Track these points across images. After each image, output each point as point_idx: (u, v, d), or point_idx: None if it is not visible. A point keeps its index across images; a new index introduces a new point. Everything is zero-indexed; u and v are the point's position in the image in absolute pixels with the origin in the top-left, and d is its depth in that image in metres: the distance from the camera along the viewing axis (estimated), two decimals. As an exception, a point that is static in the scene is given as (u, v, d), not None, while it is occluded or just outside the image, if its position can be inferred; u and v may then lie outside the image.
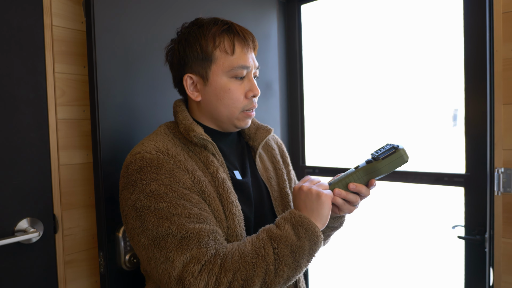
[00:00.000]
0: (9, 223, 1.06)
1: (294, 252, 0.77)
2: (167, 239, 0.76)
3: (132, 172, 0.82)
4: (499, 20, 1.17)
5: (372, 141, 10.99)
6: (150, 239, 0.77)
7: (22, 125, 1.09)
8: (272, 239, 0.78)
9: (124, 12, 1.15)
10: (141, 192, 0.79)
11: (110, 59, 1.11)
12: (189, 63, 0.91)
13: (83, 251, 1.24)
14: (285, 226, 0.79)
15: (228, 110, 0.91)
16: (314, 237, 0.78)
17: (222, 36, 0.90)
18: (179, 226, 0.76)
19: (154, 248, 0.76)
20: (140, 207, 0.79)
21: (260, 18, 1.64)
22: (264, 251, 0.76)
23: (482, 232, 1.32)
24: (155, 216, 0.77)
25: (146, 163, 0.81)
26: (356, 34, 2.77)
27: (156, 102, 1.24)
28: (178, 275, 0.74)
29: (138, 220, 0.79)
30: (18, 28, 1.08)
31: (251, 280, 0.74)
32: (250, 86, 0.92)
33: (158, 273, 0.76)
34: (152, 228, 0.77)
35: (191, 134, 0.88)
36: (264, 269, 0.75)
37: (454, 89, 3.96)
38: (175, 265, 0.74)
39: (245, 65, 0.90)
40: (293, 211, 0.82)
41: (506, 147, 1.18)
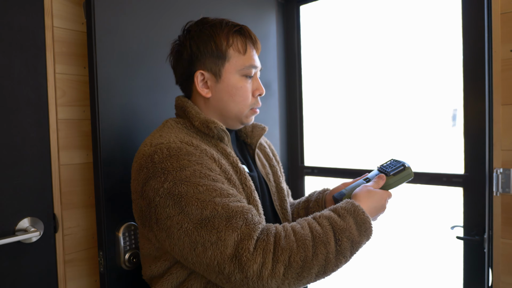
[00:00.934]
0: (10, 222, 1.07)
1: (353, 246, 0.80)
2: (214, 220, 0.75)
3: (161, 161, 0.81)
4: (497, 20, 1.17)
5: (371, 141, 10.99)
6: (195, 222, 0.75)
7: (23, 125, 1.09)
8: (335, 230, 0.79)
9: (125, 13, 1.15)
10: (176, 179, 0.78)
11: (110, 60, 1.12)
12: (202, 60, 0.94)
13: (83, 250, 1.24)
14: (349, 219, 0.81)
15: (238, 107, 0.96)
16: (370, 236, 0.83)
17: (235, 36, 0.95)
18: (223, 206, 0.77)
19: (201, 230, 0.75)
20: (177, 194, 0.77)
21: (259, 19, 1.65)
22: (327, 239, 0.77)
23: (480, 233, 1.33)
24: (196, 200, 0.77)
25: (175, 151, 0.82)
26: (355, 35, 2.77)
27: (156, 103, 1.25)
28: (232, 254, 0.73)
29: (177, 207, 0.77)
30: (19, 29, 1.08)
31: (310, 263, 0.75)
32: (257, 85, 0.98)
33: (207, 256, 0.74)
34: (196, 212, 0.76)
35: (212, 126, 0.91)
36: (325, 256, 0.76)
37: (453, 89, 3.96)
38: (228, 243, 0.74)
39: (255, 65, 0.96)
40: (357, 206, 0.83)
41: (505, 147, 1.18)
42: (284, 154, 1.88)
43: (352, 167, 1.67)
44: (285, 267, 0.74)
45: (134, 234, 1.16)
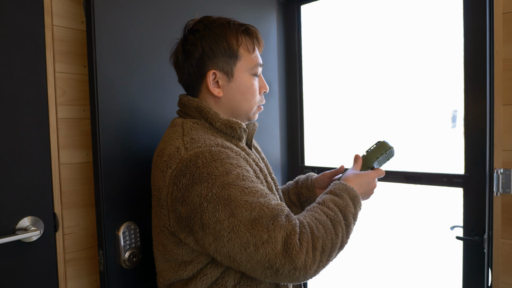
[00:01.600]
0: (10, 221, 1.07)
1: (354, 219, 0.92)
2: (262, 219, 0.79)
3: (205, 165, 0.81)
4: (499, 20, 1.17)
5: (371, 142, 10.98)
6: (246, 224, 0.79)
7: (23, 124, 1.09)
8: (340, 209, 0.89)
9: (124, 11, 1.15)
10: (224, 183, 0.80)
11: (110, 58, 1.11)
12: (215, 60, 0.94)
13: (83, 249, 1.24)
14: (345, 196, 0.92)
15: (248, 105, 1.00)
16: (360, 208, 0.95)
17: (243, 36, 0.97)
18: (268, 206, 0.81)
19: (252, 231, 0.78)
20: (227, 197, 0.79)
21: (260, 18, 1.65)
22: (339, 218, 0.87)
23: (480, 233, 1.33)
24: (245, 202, 0.80)
25: (217, 156, 0.83)
26: (356, 35, 2.77)
27: (156, 101, 1.24)
28: (282, 250, 0.78)
29: (227, 211, 0.79)
30: (19, 27, 1.08)
31: (336, 243, 0.85)
32: (261, 83, 1.03)
33: (259, 254, 0.78)
34: (246, 214, 0.79)
35: (236, 127, 0.95)
36: (341, 233, 0.86)
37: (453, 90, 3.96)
38: (278, 240, 0.78)
39: (261, 63, 1.01)
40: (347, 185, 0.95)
41: (506, 147, 1.18)
42: (284, 154, 1.87)
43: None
44: (320, 252, 0.81)
45: (133, 233, 1.16)
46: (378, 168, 1.10)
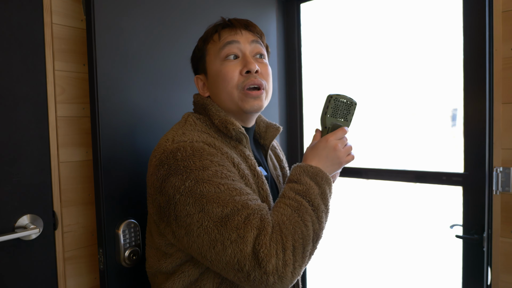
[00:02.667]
0: (9, 219, 1.07)
1: (322, 198, 0.84)
2: (234, 217, 0.76)
3: (183, 159, 0.80)
4: (499, 19, 1.17)
5: (371, 140, 10.98)
6: (215, 221, 0.76)
7: (22, 123, 1.09)
8: (303, 196, 0.82)
9: (124, 10, 1.15)
10: (198, 177, 0.79)
11: (110, 57, 1.11)
12: (197, 66, 1.00)
13: (83, 248, 1.24)
14: (305, 179, 0.84)
15: (226, 93, 0.92)
16: (329, 180, 0.87)
17: (212, 32, 0.96)
18: (243, 204, 0.78)
19: (221, 229, 0.75)
20: (199, 192, 0.78)
21: (259, 17, 1.64)
22: (304, 207, 0.80)
23: (480, 232, 1.33)
24: (217, 198, 0.77)
25: (198, 152, 0.82)
26: (355, 33, 2.77)
27: (156, 100, 1.24)
28: (251, 251, 0.74)
29: (197, 205, 0.77)
30: (18, 25, 1.08)
31: (307, 235, 0.78)
32: (244, 62, 0.91)
33: (227, 254, 0.75)
34: (217, 210, 0.76)
35: (230, 127, 0.90)
36: (311, 222, 0.80)
37: (453, 89, 3.97)
38: (247, 240, 0.74)
39: (231, 40, 0.92)
40: (301, 164, 0.88)
41: (505, 146, 1.18)
42: (284, 153, 1.87)
43: (352, 165, 1.67)
44: (292, 251, 0.76)
45: (134, 232, 1.16)
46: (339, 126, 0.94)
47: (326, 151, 0.89)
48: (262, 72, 0.93)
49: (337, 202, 1.28)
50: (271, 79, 0.98)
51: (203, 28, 1.02)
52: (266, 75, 0.95)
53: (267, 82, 0.94)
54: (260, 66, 0.93)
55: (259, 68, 0.92)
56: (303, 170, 0.86)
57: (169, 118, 1.25)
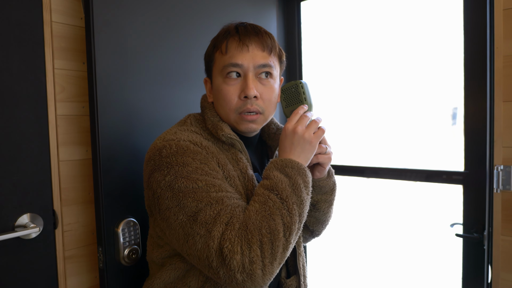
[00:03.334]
0: (9, 218, 1.06)
1: (294, 190, 0.80)
2: (206, 212, 0.77)
3: (167, 155, 0.83)
4: (500, 17, 1.16)
5: (371, 139, 10.99)
6: (189, 215, 0.77)
7: (22, 121, 1.09)
8: (271, 189, 0.80)
9: (123, 8, 1.15)
10: (177, 173, 0.80)
11: (109, 55, 1.11)
12: (207, 68, 0.99)
13: (83, 246, 1.24)
14: (274, 173, 0.82)
15: (224, 111, 0.93)
16: (301, 171, 0.83)
17: (221, 40, 0.92)
18: (217, 199, 0.78)
19: (193, 223, 0.77)
20: (177, 188, 0.79)
21: (260, 16, 1.64)
22: (271, 201, 0.78)
23: (480, 230, 1.33)
24: (193, 193, 0.79)
25: (182, 149, 0.83)
26: (355, 32, 2.76)
27: (155, 98, 1.24)
28: (217, 246, 0.74)
29: (175, 200, 0.79)
30: (18, 24, 1.07)
31: (275, 229, 0.76)
32: (244, 86, 0.89)
33: (197, 249, 0.76)
34: (191, 205, 0.78)
35: (220, 133, 0.91)
36: (280, 215, 0.77)
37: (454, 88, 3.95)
38: (214, 235, 0.74)
39: (235, 62, 0.88)
40: (271, 160, 0.86)
41: (506, 144, 1.18)
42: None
43: (351, 164, 1.67)
44: (259, 247, 0.74)
45: (133, 230, 1.16)
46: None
47: (289, 139, 0.86)
48: (263, 96, 0.91)
49: (337, 201, 1.28)
50: (275, 98, 0.95)
51: (203, 26, 1.02)
52: (267, 100, 0.92)
53: (266, 106, 0.92)
54: (261, 89, 0.90)
55: (257, 94, 0.89)
56: (272, 165, 0.84)
57: (168, 117, 1.25)
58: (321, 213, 1.06)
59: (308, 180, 0.84)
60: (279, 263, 0.77)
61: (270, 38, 0.93)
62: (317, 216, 1.07)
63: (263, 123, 0.95)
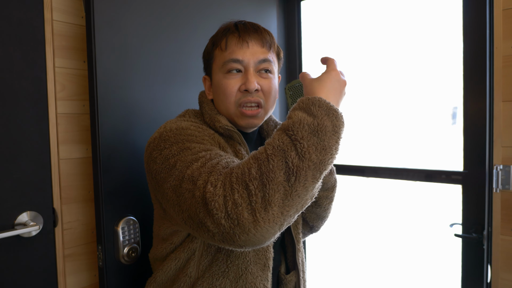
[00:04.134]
0: (9, 216, 1.07)
1: (316, 131, 0.67)
2: (193, 167, 0.72)
3: (167, 135, 0.83)
4: (499, 17, 1.17)
5: (371, 139, 10.99)
6: (180, 178, 0.73)
7: (22, 119, 1.09)
8: (286, 129, 0.68)
9: (124, 6, 1.15)
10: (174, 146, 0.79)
11: (109, 54, 1.11)
12: (205, 66, 1.01)
13: (82, 245, 1.24)
14: (295, 113, 0.70)
15: (224, 106, 0.94)
16: (331, 111, 0.69)
17: (221, 37, 0.94)
18: (205, 155, 0.74)
19: (182, 182, 0.72)
20: (171, 156, 0.77)
21: (260, 15, 1.64)
22: (279, 140, 0.67)
23: (479, 230, 1.33)
24: (184, 156, 0.75)
25: (182, 129, 0.84)
26: (355, 31, 2.75)
27: (156, 97, 1.24)
28: (202, 194, 0.67)
29: (168, 169, 0.76)
30: (19, 22, 1.08)
31: (268, 170, 0.64)
32: (244, 80, 0.90)
33: (187, 206, 0.70)
34: (181, 166, 0.74)
35: (217, 125, 0.92)
36: (282, 156, 0.65)
37: (453, 87, 3.95)
38: (199, 185, 0.68)
39: (236, 58, 0.90)
40: (300, 99, 0.74)
41: (505, 144, 1.18)
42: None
43: (351, 163, 1.67)
44: (245, 189, 0.64)
45: (133, 229, 1.16)
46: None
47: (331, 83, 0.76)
48: (263, 89, 0.91)
49: (337, 200, 1.28)
50: (275, 92, 0.95)
51: (203, 25, 1.02)
52: (267, 93, 0.92)
53: (267, 99, 0.92)
54: (262, 82, 0.91)
55: (259, 86, 0.90)
56: (297, 104, 0.73)
57: (168, 115, 1.25)
58: (322, 209, 1.08)
59: (339, 124, 0.69)
60: (281, 212, 0.64)
61: (269, 34, 0.95)
62: (317, 212, 1.09)
63: (264, 117, 0.95)
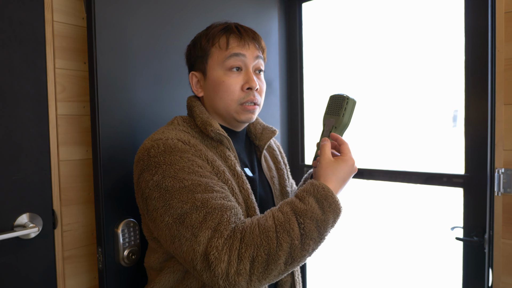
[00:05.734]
0: (8, 218, 1.06)
1: (320, 226, 0.76)
2: (192, 215, 0.76)
3: (155, 155, 0.83)
4: (501, 20, 1.16)
5: (372, 141, 10.98)
6: (175, 217, 0.77)
7: (23, 121, 1.08)
8: (297, 214, 0.76)
9: (125, 8, 1.15)
10: (165, 173, 0.80)
11: (110, 55, 1.11)
12: (193, 62, 1.00)
13: (82, 247, 1.23)
14: (309, 200, 0.78)
15: (224, 103, 0.95)
16: (337, 210, 0.79)
17: (219, 35, 0.95)
18: (203, 201, 0.77)
19: (179, 225, 0.76)
20: (164, 187, 0.79)
21: (261, 16, 1.64)
22: (289, 226, 0.75)
23: (480, 234, 1.32)
24: (179, 194, 0.78)
25: (170, 148, 0.84)
26: (357, 33, 2.75)
27: (156, 99, 1.24)
28: (203, 251, 0.73)
29: (161, 200, 0.79)
30: (19, 23, 1.07)
31: (275, 254, 0.73)
32: (246, 78, 0.93)
33: (183, 251, 0.76)
34: (177, 206, 0.77)
35: (209, 129, 0.92)
36: (289, 243, 0.73)
37: (454, 90, 3.95)
38: (200, 240, 0.74)
39: (238, 52, 0.92)
40: (315, 182, 0.80)
41: (507, 147, 1.18)
42: (285, 153, 1.87)
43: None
44: (250, 263, 0.72)
45: (133, 231, 1.15)
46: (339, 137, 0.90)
47: (344, 173, 0.84)
48: (260, 89, 0.97)
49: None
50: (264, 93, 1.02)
51: (204, 27, 1.02)
52: (262, 92, 0.98)
53: (262, 99, 0.99)
54: (259, 83, 0.96)
55: (258, 86, 0.95)
56: (312, 188, 0.79)
57: (169, 117, 1.25)
58: None
59: (337, 219, 0.80)
60: (270, 282, 0.76)
61: (261, 38, 1.00)
62: None
63: (257, 114, 1.00)
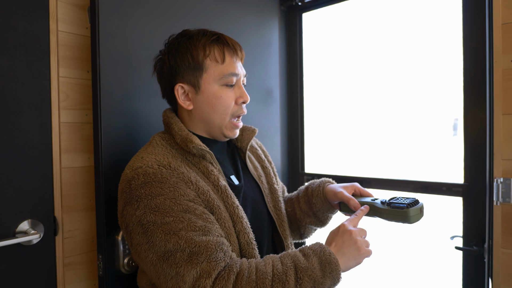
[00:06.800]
0: (10, 224, 1.07)
1: (315, 287, 0.77)
2: (176, 254, 0.76)
3: (136, 187, 0.82)
4: (499, 31, 1.18)
5: (372, 150, 10.97)
6: (159, 254, 0.77)
7: (26, 128, 1.10)
8: (298, 269, 0.78)
9: (129, 18, 1.16)
10: (146, 207, 0.80)
11: (113, 64, 1.12)
12: (180, 73, 0.94)
13: (83, 253, 1.24)
14: (313, 259, 0.80)
15: (219, 117, 0.95)
16: (336, 279, 0.80)
17: (212, 46, 0.93)
18: (187, 240, 0.77)
19: (163, 263, 0.77)
20: (146, 223, 0.79)
21: (262, 26, 1.66)
22: (286, 277, 0.76)
23: (480, 243, 1.32)
24: (162, 231, 0.78)
25: (150, 178, 0.82)
26: (357, 43, 2.78)
27: (158, 108, 1.25)
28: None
29: (144, 236, 0.79)
30: (24, 33, 1.09)
31: None
32: (240, 93, 0.96)
33: (168, 287, 0.77)
34: (160, 244, 0.77)
35: (190, 145, 0.91)
36: None
37: (454, 98, 3.97)
38: (186, 279, 0.75)
39: (235, 72, 0.95)
40: (324, 247, 0.82)
41: (505, 157, 1.18)
42: (285, 161, 1.88)
43: (352, 174, 1.67)
44: None
45: (133, 238, 1.16)
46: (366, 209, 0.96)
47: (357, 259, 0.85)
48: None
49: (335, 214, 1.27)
50: None
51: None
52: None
53: None
54: None
55: None
56: (321, 251, 0.81)
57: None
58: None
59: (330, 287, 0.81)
60: None
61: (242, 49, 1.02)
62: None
63: None
